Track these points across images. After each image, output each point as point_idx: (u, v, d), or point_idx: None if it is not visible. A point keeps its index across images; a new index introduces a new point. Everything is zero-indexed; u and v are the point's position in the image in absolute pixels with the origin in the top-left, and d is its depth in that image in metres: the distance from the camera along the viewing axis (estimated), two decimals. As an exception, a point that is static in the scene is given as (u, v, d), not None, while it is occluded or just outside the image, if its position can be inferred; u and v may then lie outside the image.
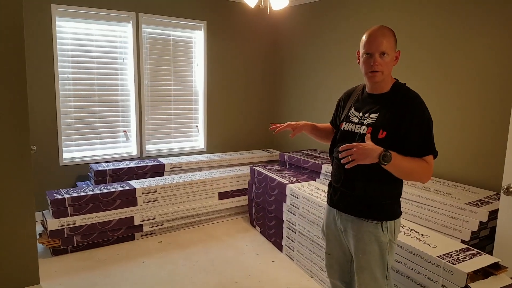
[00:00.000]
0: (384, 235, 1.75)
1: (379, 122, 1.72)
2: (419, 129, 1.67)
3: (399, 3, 3.72)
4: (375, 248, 1.76)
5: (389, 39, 1.71)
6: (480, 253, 2.10)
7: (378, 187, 1.74)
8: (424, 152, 1.68)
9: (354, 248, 1.81)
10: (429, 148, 1.69)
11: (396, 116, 1.69)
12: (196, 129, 4.99)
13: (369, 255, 1.77)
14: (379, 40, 1.69)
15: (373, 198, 1.75)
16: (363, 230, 1.77)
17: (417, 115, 1.68)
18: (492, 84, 3.06)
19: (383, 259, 1.77)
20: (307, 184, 3.42)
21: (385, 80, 1.76)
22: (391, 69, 1.76)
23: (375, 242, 1.75)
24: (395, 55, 1.76)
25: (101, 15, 4.09)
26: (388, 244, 1.77)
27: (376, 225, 1.75)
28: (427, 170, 1.68)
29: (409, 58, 3.65)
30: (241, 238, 3.83)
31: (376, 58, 1.69)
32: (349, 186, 1.80)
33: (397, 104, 1.72)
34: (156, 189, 3.72)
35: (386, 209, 1.77)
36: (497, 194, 2.93)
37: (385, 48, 1.69)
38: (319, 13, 4.68)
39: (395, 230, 1.79)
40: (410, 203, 2.97)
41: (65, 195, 3.32)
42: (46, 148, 3.97)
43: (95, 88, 4.20)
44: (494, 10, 3.02)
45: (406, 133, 1.67)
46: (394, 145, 1.66)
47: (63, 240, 3.30)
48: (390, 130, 1.69)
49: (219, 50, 4.95)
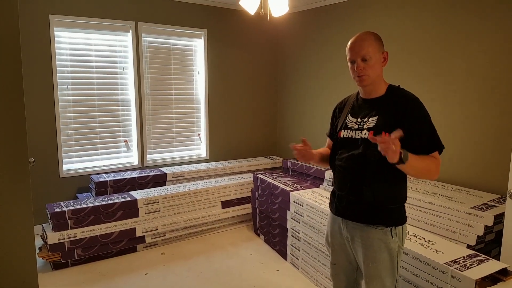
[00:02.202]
0: (393, 241, 1.73)
1: (380, 124, 1.71)
2: (422, 126, 1.67)
3: (398, 10, 3.71)
4: (385, 256, 1.73)
5: (369, 42, 1.71)
6: (487, 258, 2.06)
7: (385, 191, 1.71)
8: (432, 148, 1.68)
9: (363, 256, 1.77)
10: (435, 144, 1.69)
11: (396, 116, 1.68)
12: (198, 137, 4.97)
13: (379, 263, 1.73)
14: (358, 46, 1.71)
15: (381, 203, 1.72)
16: (372, 237, 1.74)
17: (417, 112, 1.68)
18: (494, 87, 3.04)
19: (393, 267, 1.74)
20: (310, 191, 3.39)
21: (377, 83, 1.76)
22: (379, 71, 1.75)
23: (385, 249, 1.72)
24: (382, 56, 1.75)
25: (101, 25, 4.09)
26: (397, 251, 1.74)
27: (385, 231, 1.72)
28: (436, 166, 1.67)
29: (409, 64, 3.63)
30: (245, 247, 3.79)
31: (359, 64, 1.71)
32: (357, 193, 1.77)
33: (395, 104, 1.71)
34: (158, 199, 3.69)
35: (394, 214, 1.75)
36: (501, 198, 2.89)
37: (365, 53, 1.70)
38: (320, 19, 4.67)
39: (403, 236, 1.77)
40: (415, 208, 2.93)
41: (65, 208, 3.29)
42: (46, 160, 3.95)
43: (95, 98, 4.19)
44: (489, 14, 3.01)
45: (409, 131, 1.63)
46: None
47: (63, 254, 3.27)
48: (392, 131, 1.65)
49: (220, 58, 4.94)
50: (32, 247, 2.61)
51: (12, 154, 2.42)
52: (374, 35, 1.75)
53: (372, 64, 1.71)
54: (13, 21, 2.36)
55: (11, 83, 2.39)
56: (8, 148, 2.40)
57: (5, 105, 2.39)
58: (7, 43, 2.36)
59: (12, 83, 2.40)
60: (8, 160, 2.41)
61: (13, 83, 2.40)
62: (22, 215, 2.52)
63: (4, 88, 2.37)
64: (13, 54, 2.39)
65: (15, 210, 2.50)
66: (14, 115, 2.42)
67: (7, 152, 2.40)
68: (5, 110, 2.39)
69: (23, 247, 2.56)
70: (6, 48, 2.35)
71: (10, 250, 2.53)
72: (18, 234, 2.54)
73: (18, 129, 2.43)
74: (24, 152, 2.46)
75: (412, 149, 1.62)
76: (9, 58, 2.38)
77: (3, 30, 2.34)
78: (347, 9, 4.28)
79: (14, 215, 2.50)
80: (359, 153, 1.74)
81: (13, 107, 2.41)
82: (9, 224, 2.49)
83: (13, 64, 2.39)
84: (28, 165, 2.48)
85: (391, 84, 1.81)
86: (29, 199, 2.52)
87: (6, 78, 2.37)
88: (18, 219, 2.52)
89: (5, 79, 2.37)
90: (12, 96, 2.41)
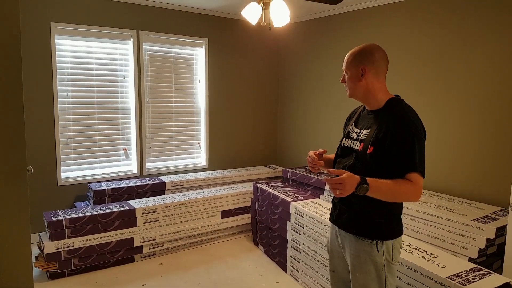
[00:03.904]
0: (379, 255, 1.71)
1: (369, 138, 1.73)
2: (401, 146, 1.63)
3: (400, 19, 3.73)
4: (370, 269, 1.72)
5: (348, 58, 1.81)
6: (489, 272, 2.04)
7: (374, 203, 1.68)
8: (405, 170, 1.63)
9: (351, 266, 1.80)
10: (410, 166, 1.63)
11: (381, 132, 1.68)
12: (197, 145, 4.95)
13: (366, 275, 1.73)
14: (344, 60, 1.83)
15: (369, 215, 1.72)
16: (358, 249, 1.75)
17: (400, 131, 1.64)
18: (495, 99, 3.03)
19: (380, 280, 1.72)
20: (311, 201, 3.36)
21: (368, 97, 1.78)
22: (359, 86, 1.77)
23: (370, 262, 1.72)
24: (358, 72, 1.76)
25: (102, 33, 4.09)
26: (385, 265, 1.72)
27: (370, 244, 1.72)
28: (412, 190, 1.61)
29: (407, 73, 3.63)
30: (244, 258, 3.75)
31: (344, 76, 1.85)
32: (347, 202, 1.80)
33: (385, 120, 1.71)
34: (157, 208, 3.66)
35: (381, 228, 1.73)
36: (503, 210, 2.87)
37: (345, 67, 1.82)
38: (321, 29, 4.69)
39: (393, 250, 1.74)
40: (416, 220, 2.90)
41: (62, 217, 3.26)
42: (44, 168, 3.92)
43: (95, 106, 4.18)
44: (491, 22, 3.01)
45: (389, 150, 1.65)
46: (380, 160, 1.66)
47: (60, 264, 3.22)
48: (376, 146, 1.69)
49: (221, 67, 4.95)
50: (28, 256, 2.58)
51: (11, 162, 2.40)
52: (356, 51, 1.79)
53: (348, 77, 1.81)
54: (14, 28, 2.36)
55: (11, 90, 2.38)
56: (7, 156, 2.38)
57: (4, 112, 2.37)
58: (8, 50, 2.36)
59: (12, 90, 2.38)
60: (6, 168, 2.39)
61: (13, 90, 2.39)
62: (19, 224, 2.49)
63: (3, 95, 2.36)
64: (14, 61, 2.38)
65: (12, 219, 2.47)
66: (13, 122, 2.40)
67: (6, 159, 2.38)
68: (4, 118, 2.37)
69: (19, 256, 2.53)
70: (7, 55, 2.35)
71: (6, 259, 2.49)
72: (14, 242, 2.51)
73: (17, 137, 2.41)
74: (22, 160, 2.44)
75: (389, 167, 1.64)
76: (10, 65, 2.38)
77: (4, 37, 2.33)
78: (346, 20, 4.30)
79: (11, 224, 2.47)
80: (350, 163, 1.78)
81: (13, 115, 2.40)
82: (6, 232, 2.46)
83: (13, 72, 2.38)
84: (26, 173, 2.45)
85: (393, 97, 1.79)
86: (27, 207, 2.49)
87: (6, 85, 2.36)
88: (15, 228, 2.49)
89: (5, 86, 2.36)
90: (12, 104, 2.39)
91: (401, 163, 1.63)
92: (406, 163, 1.63)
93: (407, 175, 1.62)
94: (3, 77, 2.35)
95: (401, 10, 3.70)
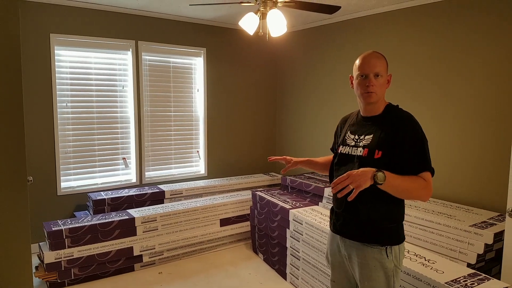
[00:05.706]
0: (389, 261, 1.72)
1: (374, 143, 1.74)
2: (413, 146, 1.68)
3: (398, 29, 3.78)
4: (380, 275, 1.72)
5: (381, 61, 1.77)
6: (488, 278, 2.05)
7: (381, 209, 1.72)
8: (419, 169, 1.68)
9: (359, 275, 1.78)
10: (424, 165, 1.68)
11: (389, 135, 1.71)
12: (196, 154, 4.97)
13: (375, 282, 1.73)
14: (373, 62, 1.75)
15: (377, 222, 1.73)
16: (367, 256, 1.74)
17: (410, 133, 1.70)
18: (492, 105, 3.07)
19: (389, 286, 1.73)
20: (310, 208, 3.37)
21: (379, 102, 1.80)
22: (384, 91, 1.79)
23: (380, 268, 1.72)
24: (387, 78, 1.80)
25: (101, 43, 4.13)
26: (394, 270, 1.74)
27: (380, 250, 1.72)
28: (425, 187, 1.66)
29: (405, 82, 3.67)
30: (244, 266, 3.75)
31: (371, 79, 1.74)
32: (353, 211, 1.78)
33: (390, 123, 1.74)
34: (156, 217, 3.67)
35: (390, 233, 1.74)
36: (501, 215, 2.89)
37: (379, 70, 1.74)
38: (317, 38, 4.74)
39: (399, 255, 1.76)
40: (414, 226, 2.92)
41: (62, 226, 3.27)
42: (44, 177, 3.93)
43: (94, 116, 4.20)
44: (486, 30, 3.06)
45: (400, 151, 1.68)
46: (391, 164, 1.67)
47: (60, 273, 3.22)
48: (385, 150, 1.71)
49: (219, 76, 4.99)
50: (28, 266, 2.58)
51: (11, 172, 2.42)
52: (384, 57, 1.80)
53: (381, 82, 1.76)
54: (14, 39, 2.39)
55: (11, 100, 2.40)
56: (7, 166, 2.40)
57: (5, 122, 2.39)
58: (8, 61, 2.38)
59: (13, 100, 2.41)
60: (7, 178, 2.40)
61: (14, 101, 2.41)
62: (19, 234, 2.50)
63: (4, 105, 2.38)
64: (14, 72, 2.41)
65: (13, 229, 2.48)
66: (13, 132, 2.42)
67: (6, 169, 2.39)
68: (5, 128, 2.39)
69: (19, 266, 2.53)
70: (7, 66, 2.37)
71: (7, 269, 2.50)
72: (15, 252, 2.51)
73: (17, 147, 2.43)
74: (23, 170, 2.45)
75: (401, 168, 1.66)
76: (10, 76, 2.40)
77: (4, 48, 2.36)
78: (342, 29, 4.35)
79: (12, 234, 2.48)
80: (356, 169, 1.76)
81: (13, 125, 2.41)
82: (6, 242, 2.47)
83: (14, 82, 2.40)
84: (27, 183, 2.47)
85: (389, 103, 1.84)
86: (27, 218, 2.50)
87: (7, 96, 2.38)
88: (16, 238, 2.49)
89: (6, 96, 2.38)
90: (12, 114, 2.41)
91: (414, 163, 1.67)
92: (418, 162, 1.68)
93: (420, 174, 1.67)
94: (3, 87, 2.37)
95: (397, 18, 3.76)
